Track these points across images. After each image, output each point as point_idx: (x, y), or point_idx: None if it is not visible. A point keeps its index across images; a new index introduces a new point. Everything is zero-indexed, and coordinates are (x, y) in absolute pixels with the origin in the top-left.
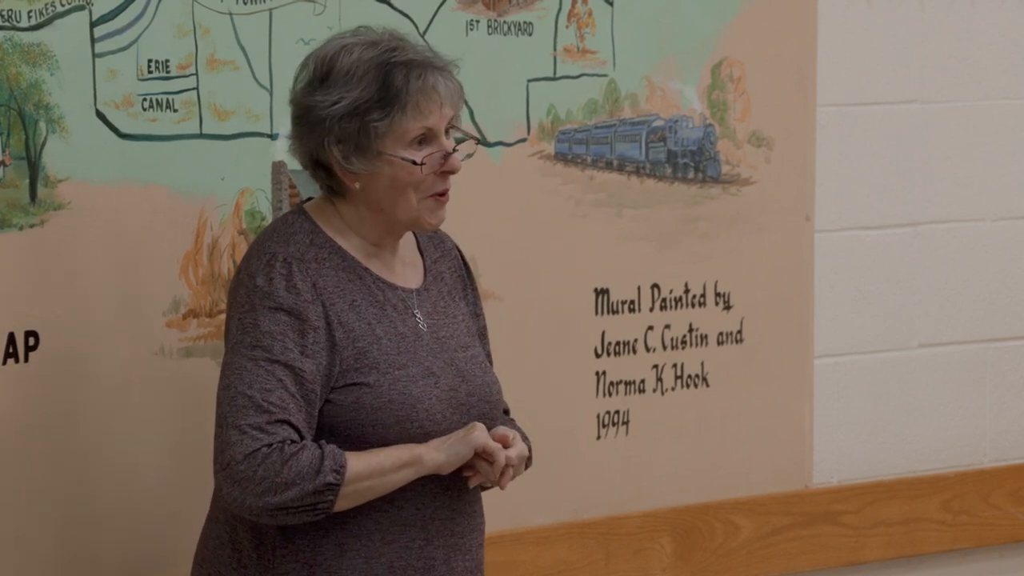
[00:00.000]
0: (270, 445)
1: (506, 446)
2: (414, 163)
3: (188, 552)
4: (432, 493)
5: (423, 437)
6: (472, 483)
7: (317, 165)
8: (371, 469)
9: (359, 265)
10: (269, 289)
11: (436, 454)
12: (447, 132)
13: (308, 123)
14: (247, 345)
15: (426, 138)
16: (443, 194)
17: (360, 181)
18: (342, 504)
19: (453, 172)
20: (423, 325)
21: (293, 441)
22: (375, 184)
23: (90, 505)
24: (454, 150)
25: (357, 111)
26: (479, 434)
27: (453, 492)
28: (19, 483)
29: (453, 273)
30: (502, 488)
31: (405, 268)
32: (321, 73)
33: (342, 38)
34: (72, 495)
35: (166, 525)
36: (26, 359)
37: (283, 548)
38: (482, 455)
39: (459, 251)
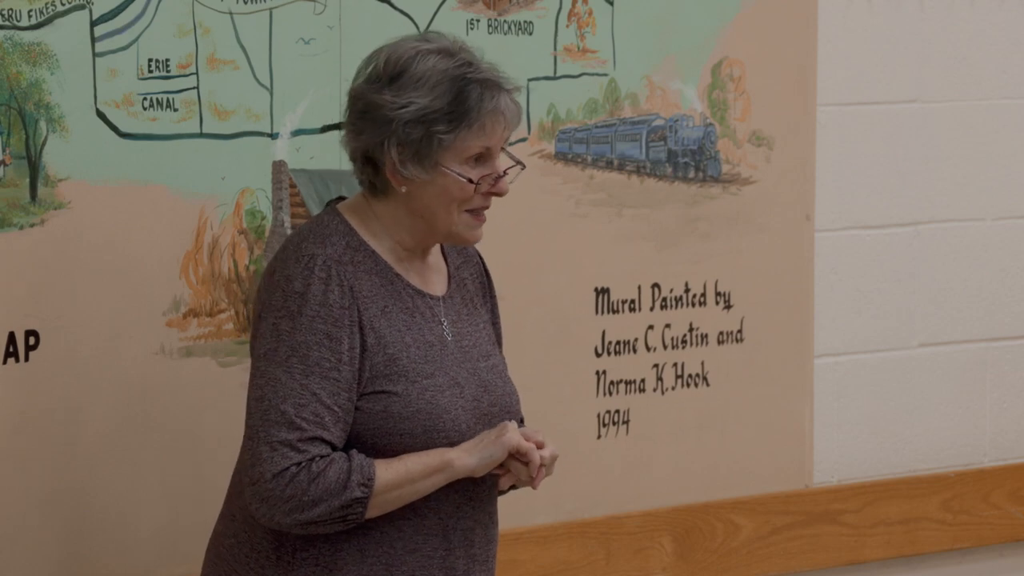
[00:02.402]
0: (299, 464)
1: (538, 447)
2: (470, 181)
3: (189, 552)
4: (455, 503)
5: (448, 447)
6: (505, 484)
7: (366, 161)
8: (400, 478)
9: (391, 271)
10: (307, 294)
11: (468, 458)
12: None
13: (372, 120)
14: (283, 355)
15: (482, 157)
16: (481, 213)
17: (408, 186)
18: (373, 512)
19: (500, 195)
20: (449, 334)
21: (323, 456)
22: (422, 192)
23: (91, 505)
24: (504, 173)
25: (424, 119)
26: (512, 435)
27: (476, 503)
28: (19, 483)
29: (474, 280)
30: (535, 488)
31: (433, 274)
32: (392, 72)
33: (417, 41)
34: (72, 495)
35: (167, 525)
36: (26, 359)
37: (303, 552)
38: (516, 456)
39: (480, 258)
